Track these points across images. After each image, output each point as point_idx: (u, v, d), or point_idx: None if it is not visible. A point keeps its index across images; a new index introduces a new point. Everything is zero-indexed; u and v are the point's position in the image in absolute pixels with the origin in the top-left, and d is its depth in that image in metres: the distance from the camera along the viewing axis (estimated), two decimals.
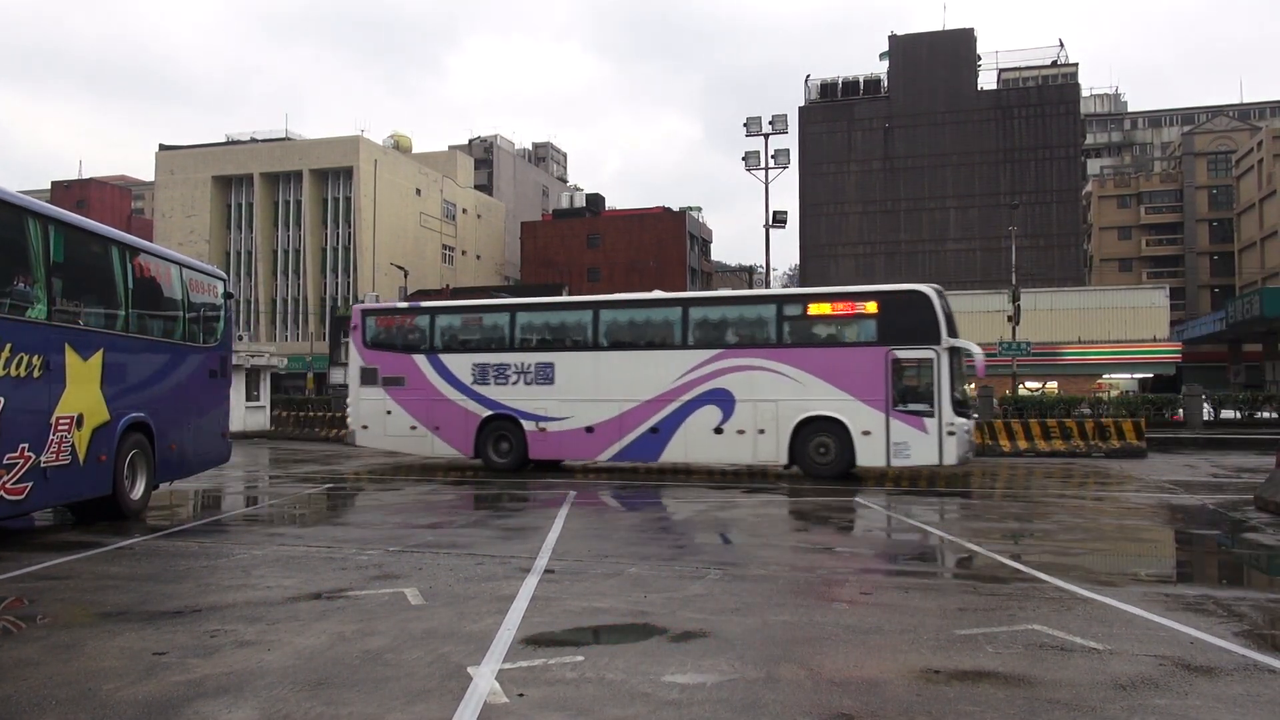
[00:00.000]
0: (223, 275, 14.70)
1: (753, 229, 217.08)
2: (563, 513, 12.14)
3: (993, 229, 56.05)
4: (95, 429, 10.24)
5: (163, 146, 67.63)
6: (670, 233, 69.40)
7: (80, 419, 9.95)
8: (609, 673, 5.03)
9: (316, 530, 11.08)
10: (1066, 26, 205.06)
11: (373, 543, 9.68)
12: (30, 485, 9.11)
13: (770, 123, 35.81)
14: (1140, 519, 12.37)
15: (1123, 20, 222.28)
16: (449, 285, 53.73)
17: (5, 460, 8.71)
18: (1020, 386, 36.70)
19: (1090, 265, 69.30)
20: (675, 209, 71.75)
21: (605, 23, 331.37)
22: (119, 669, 5.09)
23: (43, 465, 9.29)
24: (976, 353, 16.84)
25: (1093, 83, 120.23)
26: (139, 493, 11.42)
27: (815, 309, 17.62)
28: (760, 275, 60.90)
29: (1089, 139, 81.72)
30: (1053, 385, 40.56)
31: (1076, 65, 61.90)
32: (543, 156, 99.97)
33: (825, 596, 7.07)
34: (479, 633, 5.85)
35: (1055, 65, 61.67)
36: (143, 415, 11.30)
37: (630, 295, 19.94)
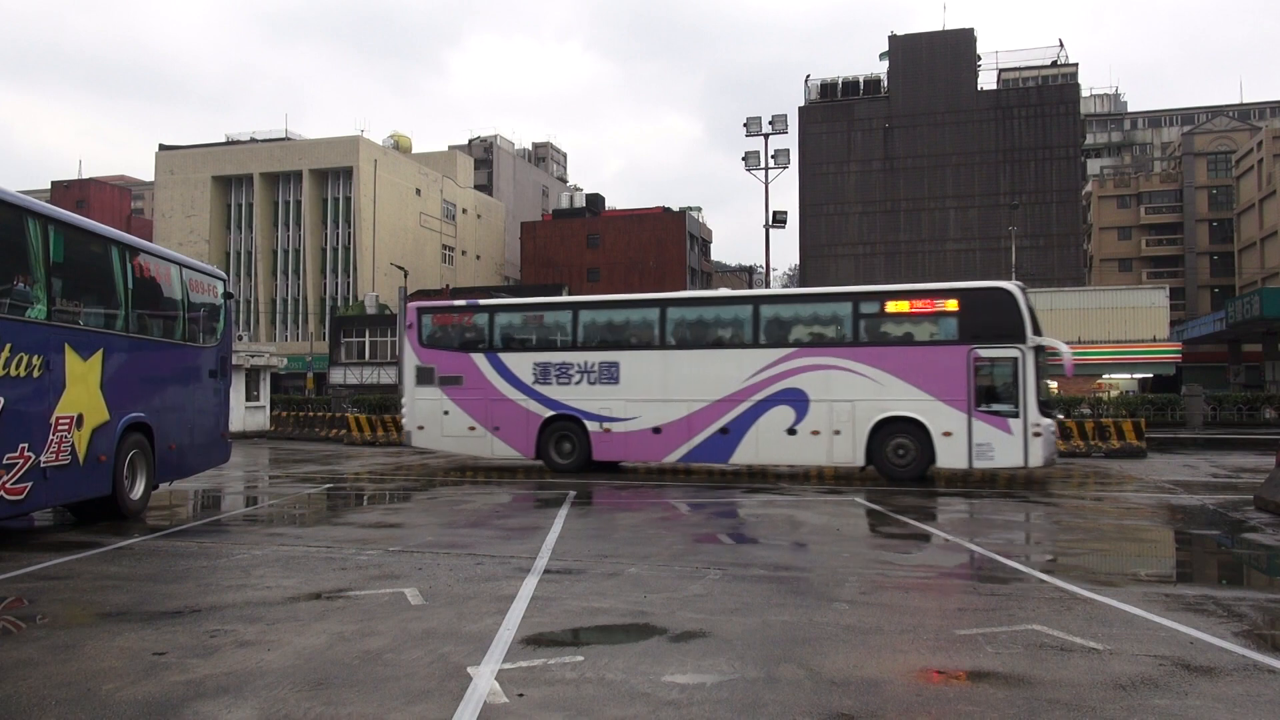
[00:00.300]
0: (222, 275, 14.70)
1: (753, 229, 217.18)
2: (563, 513, 12.15)
3: (993, 229, 56.06)
4: (95, 429, 10.24)
5: (162, 146, 67.64)
6: (670, 233, 69.40)
7: (80, 419, 9.95)
8: (609, 673, 5.03)
9: (316, 530, 11.07)
10: (1066, 27, 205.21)
11: (372, 543, 9.68)
12: (30, 485, 9.11)
13: (770, 123, 35.84)
14: (1140, 519, 12.37)
15: (1123, 20, 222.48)
16: (449, 285, 53.73)
17: (5, 460, 8.71)
18: None
19: (1090, 265, 69.31)
20: (675, 209, 71.76)
21: (607, 22, 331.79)
22: (119, 669, 5.09)
23: (43, 465, 9.29)
24: (1065, 351, 16.41)
25: (1093, 83, 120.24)
26: (139, 493, 11.42)
27: (893, 306, 17.15)
28: (760, 275, 60.91)
29: (1089, 139, 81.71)
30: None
31: (1076, 65, 61.92)
32: (543, 156, 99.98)
33: (824, 596, 7.07)
34: (479, 633, 5.85)
35: (1055, 65, 61.68)
36: (142, 415, 11.30)
37: (699, 293, 19.26)
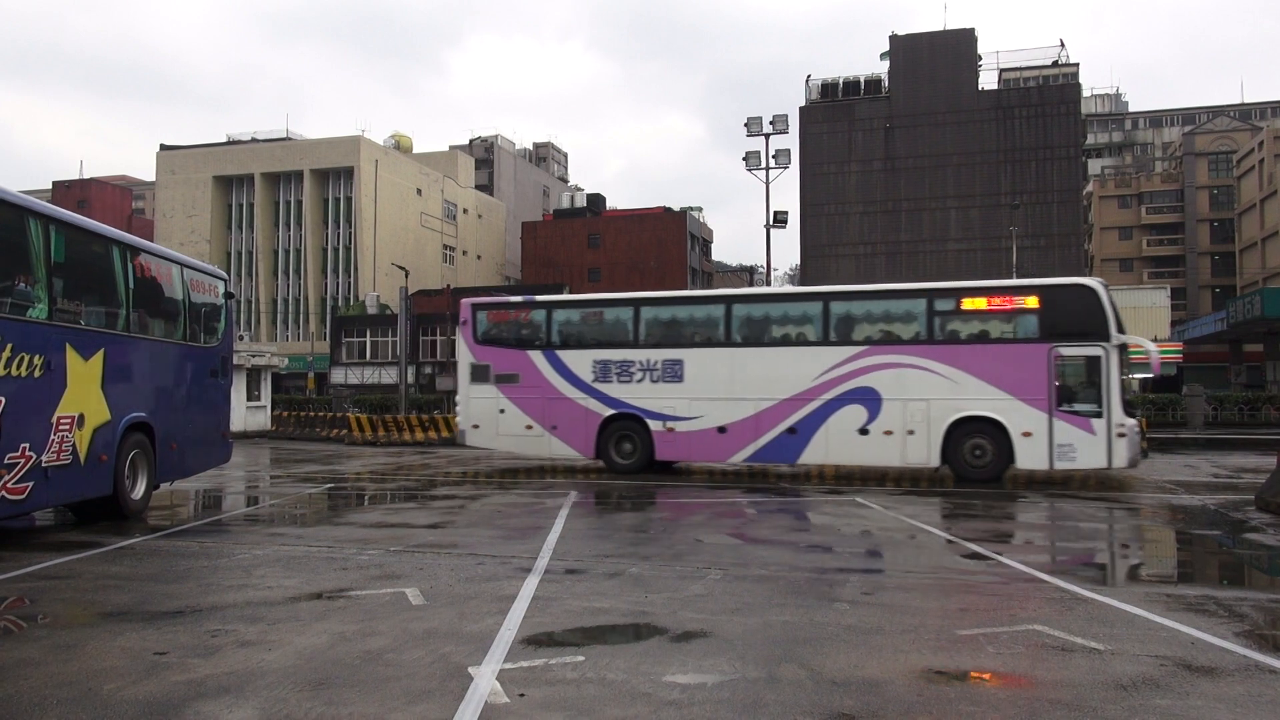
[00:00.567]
0: (223, 275, 14.71)
1: (754, 229, 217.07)
2: (563, 513, 12.15)
3: (994, 229, 56.05)
4: (96, 429, 10.25)
5: (163, 146, 67.69)
6: (671, 233, 69.41)
7: (81, 419, 9.95)
8: (610, 673, 5.02)
9: (317, 530, 11.08)
10: (1067, 27, 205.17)
11: (374, 542, 9.68)
12: (31, 485, 9.11)
13: (771, 123, 35.84)
14: (1141, 519, 12.36)
15: (1123, 20, 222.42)
16: (450, 285, 53.74)
17: (6, 460, 8.71)
18: None
19: (1091, 265, 69.29)
20: (676, 209, 71.77)
21: (608, 22, 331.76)
22: (120, 669, 5.09)
23: (44, 465, 9.30)
24: (1151, 349, 15.98)
25: (1093, 83, 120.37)
26: (140, 493, 11.43)
27: (970, 303, 16.83)
28: (761, 275, 60.90)
29: (1090, 139, 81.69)
30: None
31: (1077, 65, 61.93)
32: (544, 156, 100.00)
33: (826, 596, 7.07)
34: (480, 633, 5.85)
35: (1056, 65, 61.67)
36: (144, 415, 11.31)
37: (767, 289, 19.01)
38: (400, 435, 30.08)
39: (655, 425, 17.89)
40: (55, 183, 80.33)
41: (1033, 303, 16.24)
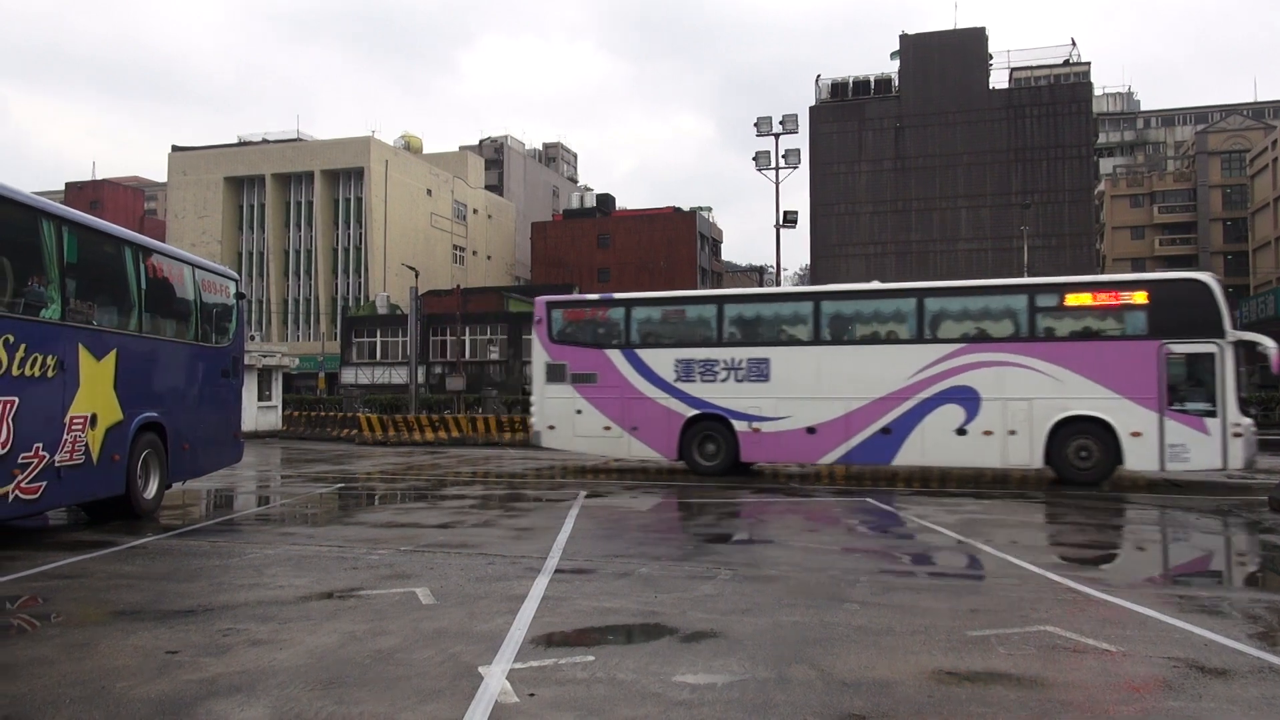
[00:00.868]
0: (235, 275, 14.76)
1: (764, 228, 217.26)
2: (573, 513, 12.16)
3: (1005, 229, 55.89)
4: (109, 429, 10.30)
5: (175, 148, 68.02)
6: (681, 233, 69.41)
7: (94, 419, 10.01)
8: (619, 673, 5.03)
9: (328, 530, 11.11)
10: (1079, 25, 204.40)
11: (384, 542, 9.70)
12: (44, 485, 9.17)
13: (781, 123, 35.83)
14: (1152, 520, 12.30)
15: (1135, 19, 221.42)
16: (459, 285, 53.84)
17: (20, 460, 8.76)
18: None
19: (1103, 265, 69.02)
20: (686, 209, 71.77)
21: (618, 22, 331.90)
22: (132, 667, 5.11)
23: (57, 465, 9.35)
24: (1270, 346, 15.35)
25: (1105, 82, 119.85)
26: (152, 492, 11.48)
27: (1074, 299, 16.25)
28: (771, 275, 60.83)
29: (1101, 138, 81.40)
30: None
31: (1089, 64, 61.66)
32: (553, 157, 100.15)
33: (836, 597, 7.05)
34: (490, 632, 5.86)
35: (1067, 64, 61.44)
36: (156, 415, 11.36)
37: (858, 286, 18.61)
38: (410, 435, 30.16)
39: (741, 426, 17.41)
40: (68, 184, 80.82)
41: (1141, 298, 15.70)
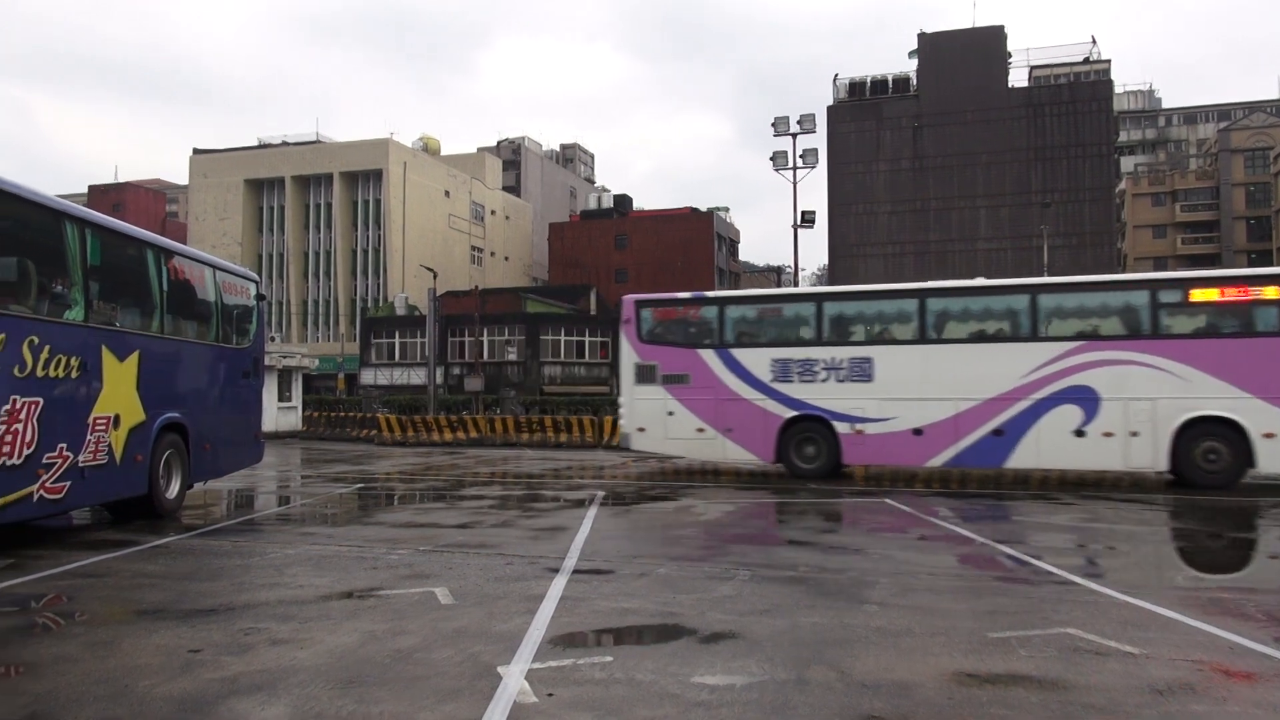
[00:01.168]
0: (255, 277, 14.86)
1: (782, 229, 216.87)
2: (591, 514, 12.17)
3: (1024, 228, 55.53)
4: (131, 429, 10.40)
5: (196, 150, 68.59)
6: (698, 233, 69.40)
7: (117, 419, 10.10)
8: (638, 673, 5.02)
9: (348, 530, 11.17)
10: (1099, 23, 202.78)
11: (403, 542, 9.74)
12: (69, 484, 9.26)
13: (798, 122, 35.77)
14: (1176, 520, 12.17)
15: (1157, 16, 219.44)
16: (477, 286, 54.01)
17: (44, 460, 8.86)
18: None
19: (1125, 264, 68.44)
20: (703, 209, 71.74)
21: (636, 23, 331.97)
22: (155, 666, 5.16)
23: (81, 465, 9.44)
24: None
25: (1126, 80, 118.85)
26: (174, 492, 11.58)
27: (1200, 295, 15.66)
28: (789, 275, 60.66)
29: (1122, 136, 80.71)
30: None
31: (1109, 62, 61.18)
32: (570, 158, 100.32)
33: (855, 598, 7.02)
34: (508, 632, 5.87)
35: (1087, 62, 60.98)
36: (178, 415, 11.46)
37: (967, 282, 18.10)
38: (429, 436, 30.28)
39: (842, 427, 16.85)
40: (91, 187, 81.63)
41: (1272, 293, 15.10)
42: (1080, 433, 15.57)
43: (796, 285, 41.40)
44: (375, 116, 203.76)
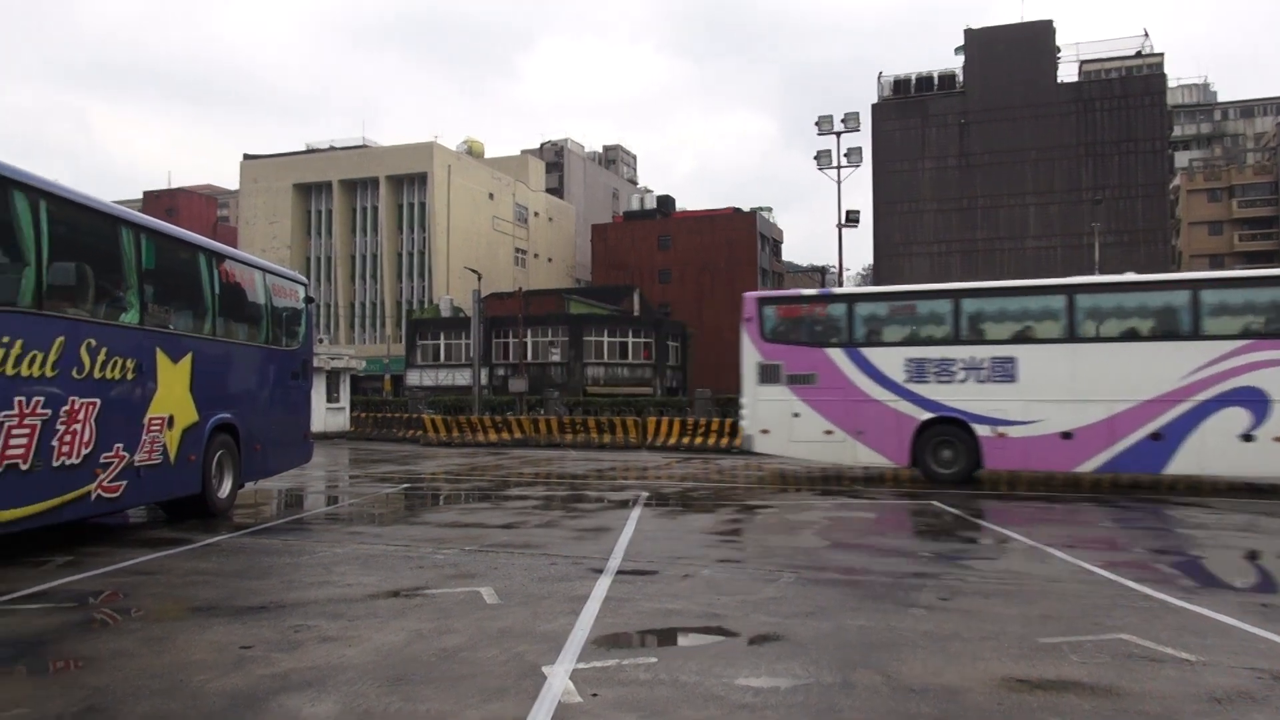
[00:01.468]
0: (304, 280, 15.08)
1: (826, 228, 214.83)
2: (634, 515, 12.17)
3: (1075, 225, 54.55)
4: (185, 430, 10.60)
5: (246, 156, 69.93)
6: (741, 233, 69.18)
7: (171, 420, 10.31)
8: (682, 674, 5.01)
9: (394, 529, 11.29)
10: (1152, 16, 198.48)
11: (449, 542, 9.83)
12: (125, 484, 9.47)
13: (842, 121, 35.48)
14: (1235, 525, 11.86)
15: (1212, 7, 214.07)
16: (521, 288, 54.34)
17: (102, 459, 9.07)
18: None
19: (1179, 262, 66.91)
20: (746, 210, 71.47)
21: (679, 22, 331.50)
22: (208, 661, 5.26)
23: (136, 464, 9.65)
24: None
25: (1180, 73, 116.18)
26: (226, 491, 11.79)
27: None
28: (833, 275, 60.19)
29: (1176, 131, 78.88)
30: None
31: (1162, 55, 60.01)
32: (612, 159, 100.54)
33: (902, 601, 6.94)
34: (553, 632, 5.89)
35: (1140, 56, 59.83)
36: (229, 416, 11.66)
37: (1120, 277, 17.33)
38: (474, 436, 30.52)
39: (982, 430, 16.06)
40: (146, 192, 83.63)
41: None
42: (1248, 437, 14.65)
43: (841, 285, 41.04)
44: (419, 120, 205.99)
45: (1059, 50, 58.68)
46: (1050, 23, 58.07)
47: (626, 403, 34.89)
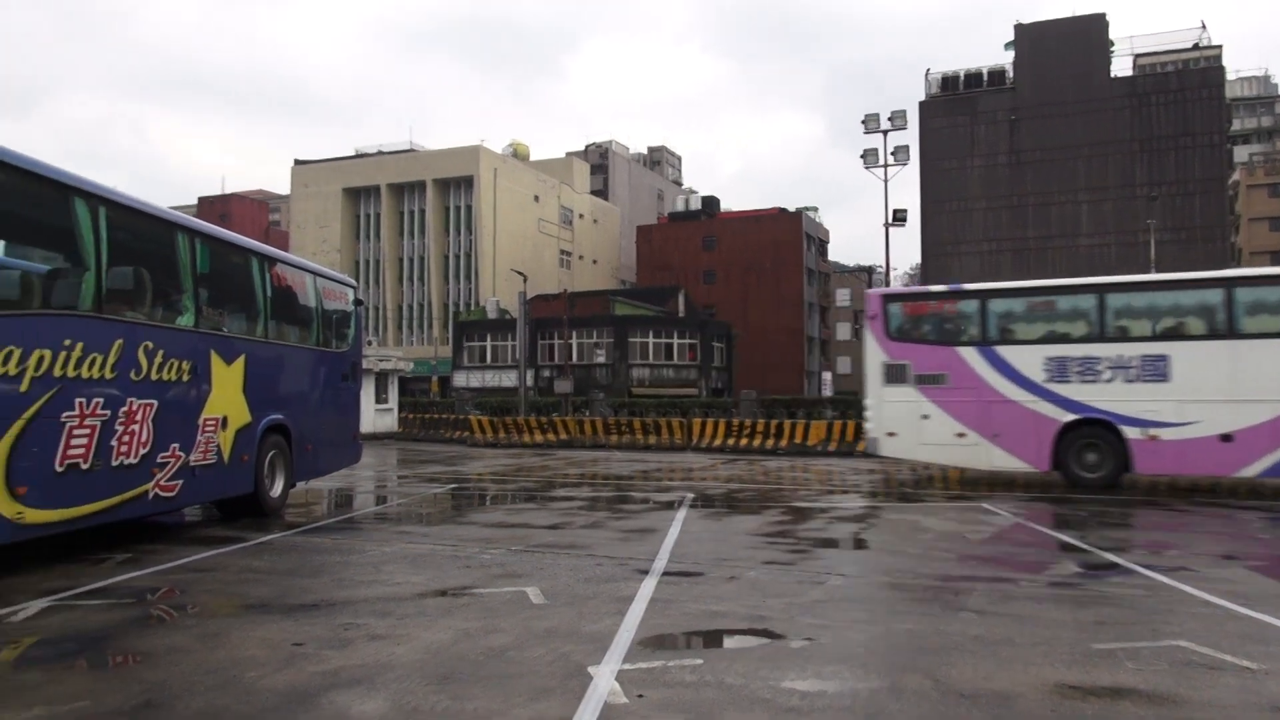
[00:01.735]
0: (353, 283, 15.29)
1: (873, 228, 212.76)
2: (680, 516, 12.15)
3: (1129, 222, 53.39)
4: (238, 430, 10.81)
5: (297, 161, 71.16)
6: (786, 234, 68.82)
7: (225, 421, 10.52)
8: (728, 676, 5.00)
9: (442, 529, 11.40)
10: (1210, 6, 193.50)
11: (496, 542, 9.90)
12: (181, 483, 9.68)
13: (889, 119, 35.07)
14: None
15: None
16: (566, 289, 54.58)
17: (159, 459, 9.28)
18: None
19: (1239, 259, 65.13)
20: (792, 210, 71.07)
21: (725, 23, 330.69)
22: (261, 658, 5.35)
23: (192, 464, 9.86)
24: None
25: (1239, 65, 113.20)
26: (278, 491, 11.99)
27: None
28: (880, 275, 59.61)
29: (1236, 124, 76.87)
30: None
31: (1220, 47, 58.34)
32: (657, 160, 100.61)
33: (951, 605, 6.85)
34: (599, 633, 5.91)
35: (1197, 48, 58.29)
36: (281, 417, 11.86)
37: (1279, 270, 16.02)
38: (520, 437, 30.71)
39: (1131, 432, 15.15)
40: (200, 198, 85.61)
41: None
42: None
43: (888, 285, 40.61)
44: (466, 123, 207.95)
45: (1112, 44, 57.44)
46: (1103, 16, 56.89)
47: (671, 404, 34.85)
